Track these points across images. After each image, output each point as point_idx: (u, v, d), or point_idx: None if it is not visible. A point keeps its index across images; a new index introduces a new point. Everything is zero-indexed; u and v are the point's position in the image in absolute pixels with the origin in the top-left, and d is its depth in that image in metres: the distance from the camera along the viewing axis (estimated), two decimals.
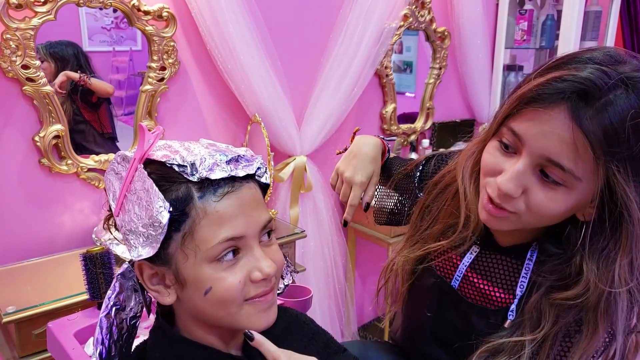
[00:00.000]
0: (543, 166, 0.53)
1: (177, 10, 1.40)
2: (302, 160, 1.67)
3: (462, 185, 0.66)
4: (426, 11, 1.95)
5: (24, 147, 1.26)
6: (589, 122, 0.48)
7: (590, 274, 0.54)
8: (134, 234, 0.49)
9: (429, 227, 0.74)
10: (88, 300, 1.01)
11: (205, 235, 0.48)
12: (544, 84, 0.51)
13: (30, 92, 1.23)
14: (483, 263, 0.68)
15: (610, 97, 0.48)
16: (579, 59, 0.51)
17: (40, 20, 1.20)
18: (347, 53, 1.67)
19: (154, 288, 0.52)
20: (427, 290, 0.73)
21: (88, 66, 1.38)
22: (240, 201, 0.50)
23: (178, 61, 1.42)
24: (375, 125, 2.00)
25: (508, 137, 0.56)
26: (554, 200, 0.53)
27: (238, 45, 1.43)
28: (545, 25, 2.19)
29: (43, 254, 1.30)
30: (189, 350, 0.53)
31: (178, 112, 1.49)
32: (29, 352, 1.06)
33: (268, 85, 1.52)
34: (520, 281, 0.62)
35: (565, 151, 0.50)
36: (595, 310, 0.55)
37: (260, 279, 0.50)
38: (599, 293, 0.53)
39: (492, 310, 0.65)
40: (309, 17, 1.67)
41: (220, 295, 0.49)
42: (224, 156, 0.50)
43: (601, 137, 0.48)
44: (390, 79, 1.94)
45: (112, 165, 0.53)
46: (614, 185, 0.50)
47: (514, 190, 0.54)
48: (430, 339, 0.75)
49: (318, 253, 1.74)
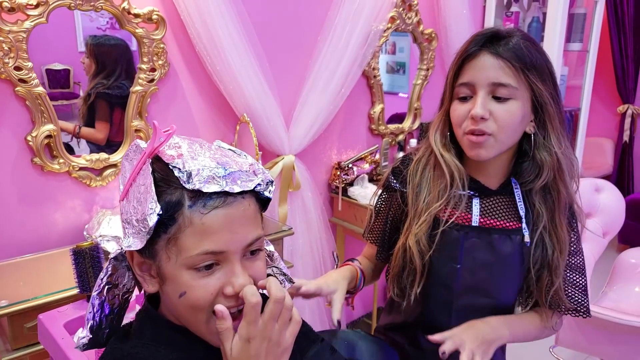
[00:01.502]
0: (493, 92, 0.76)
1: (166, 13, 1.43)
2: (291, 159, 1.70)
3: (438, 150, 0.82)
4: (413, 13, 1.99)
5: (16, 147, 1.30)
6: (504, 50, 0.75)
7: (544, 157, 0.79)
8: (129, 224, 0.52)
9: (425, 199, 0.84)
10: (78, 294, 1.05)
11: (187, 244, 0.50)
12: (469, 45, 0.77)
13: (22, 93, 1.26)
14: (487, 207, 0.84)
15: (510, 37, 0.76)
16: (483, 30, 0.79)
17: (32, 23, 1.24)
18: (335, 54, 1.71)
19: (140, 274, 0.55)
20: (451, 245, 0.83)
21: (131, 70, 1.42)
22: (229, 217, 0.51)
23: (168, 63, 1.46)
24: (363, 125, 2.04)
25: (463, 90, 0.78)
26: (510, 112, 0.75)
27: (226, 47, 1.46)
28: (530, 27, 2.23)
29: (35, 251, 1.34)
30: (170, 333, 0.56)
31: (168, 113, 1.52)
32: (21, 345, 1.09)
33: (256, 86, 1.56)
34: (520, 206, 0.83)
35: (500, 73, 0.75)
36: (555, 178, 0.80)
37: (232, 294, 0.52)
38: (552, 165, 0.79)
39: (512, 229, 0.83)
40: (296, 20, 1.71)
41: (192, 302, 0.51)
42: (222, 170, 0.51)
43: (514, 56, 0.74)
44: (378, 80, 1.98)
45: (128, 151, 0.57)
46: (534, 86, 0.75)
47: (484, 112, 0.75)
48: (460, 299, 0.84)
49: (307, 250, 1.78)
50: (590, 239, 1.70)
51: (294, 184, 1.73)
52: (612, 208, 1.70)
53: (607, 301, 1.67)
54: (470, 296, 0.85)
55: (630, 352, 1.36)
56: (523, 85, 0.75)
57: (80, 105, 1.42)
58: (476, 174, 0.84)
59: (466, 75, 0.77)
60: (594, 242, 1.70)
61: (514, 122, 0.76)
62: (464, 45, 0.78)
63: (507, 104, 0.75)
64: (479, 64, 0.76)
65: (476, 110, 0.74)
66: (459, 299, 0.85)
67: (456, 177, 0.81)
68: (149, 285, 0.55)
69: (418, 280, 0.84)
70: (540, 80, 0.76)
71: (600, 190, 1.72)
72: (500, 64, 0.74)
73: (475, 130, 0.75)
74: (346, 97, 1.80)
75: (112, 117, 1.45)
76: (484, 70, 0.75)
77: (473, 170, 0.84)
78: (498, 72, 0.74)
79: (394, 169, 0.91)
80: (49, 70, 1.35)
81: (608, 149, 3.38)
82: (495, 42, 0.76)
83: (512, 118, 0.75)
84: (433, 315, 0.88)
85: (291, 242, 1.73)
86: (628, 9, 2.95)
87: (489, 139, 0.76)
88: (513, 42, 0.75)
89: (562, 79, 2.25)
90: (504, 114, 0.75)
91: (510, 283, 0.85)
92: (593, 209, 1.69)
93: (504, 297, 0.86)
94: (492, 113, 0.75)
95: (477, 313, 0.84)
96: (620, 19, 2.95)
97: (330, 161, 1.95)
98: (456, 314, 0.85)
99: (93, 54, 1.39)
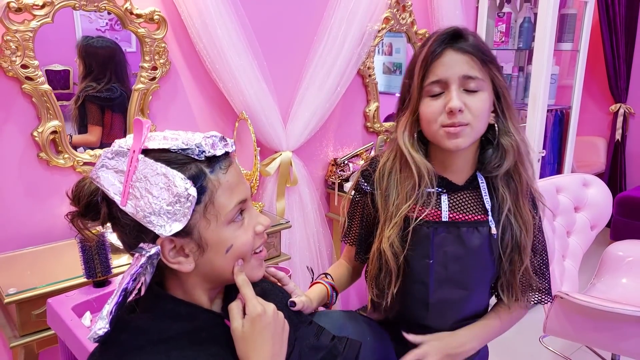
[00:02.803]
0: (464, 85, 0.80)
1: (167, 13, 1.48)
2: (288, 155, 1.75)
3: (408, 151, 0.85)
4: (407, 14, 2.04)
5: (23, 142, 1.34)
6: (467, 46, 0.80)
7: (507, 143, 0.84)
8: (156, 214, 0.54)
9: (395, 202, 0.86)
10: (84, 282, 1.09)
11: (223, 202, 0.58)
12: (432, 46, 0.80)
13: (29, 90, 1.31)
14: (455, 202, 0.87)
15: (468, 34, 0.81)
16: (442, 30, 0.83)
17: (38, 22, 1.29)
18: (331, 54, 1.76)
19: (174, 260, 0.58)
20: (423, 241, 0.86)
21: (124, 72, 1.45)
22: (237, 170, 0.61)
23: (169, 61, 1.51)
24: (359, 123, 2.09)
25: (434, 88, 0.81)
26: (482, 101, 0.80)
27: (225, 46, 1.51)
28: (522, 27, 2.29)
29: (41, 243, 1.38)
30: (173, 306, 0.60)
31: (169, 110, 1.57)
32: (29, 331, 1.14)
33: (254, 84, 1.61)
34: (485, 199, 0.87)
35: (467, 67, 0.79)
36: (517, 162, 0.85)
37: (262, 230, 0.63)
38: (514, 151, 0.84)
39: (479, 222, 0.86)
40: (293, 20, 1.76)
41: (240, 249, 0.60)
42: (214, 137, 0.59)
43: (477, 51, 0.80)
44: (373, 79, 2.03)
45: (102, 162, 0.58)
46: (494, 78, 0.81)
47: (460, 104, 0.79)
48: (435, 293, 0.86)
49: (304, 244, 1.83)
50: (579, 232, 1.75)
51: (291, 179, 1.78)
52: (600, 202, 1.75)
53: (595, 292, 1.72)
54: (445, 290, 0.87)
55: (614, 338, 1.41)
56: (487, 77, 0.81)
57: (72, 108, 1.44)
58: (443, 172, 0.87)
59: (435, 73, 0.80)
60: (582, 235, 1.75)
61: (486, 111, 0.82)
62: (426, 47, 0.81)
63: (478, 95, 0.80)
64: (446, 61, 0.79)
65: (454, 103, 0.78)
66: (434, 294, 0.87)
67: (425, 177, 0.84)
68: (186, 265, 0.58)
69: (394, 281, 0.86)
70: (498, 72, 0.82)
71: (588, 185, 1.77)
72: (467, 59, 0.79)
73: (455, 122, 0.79)
74: (342, 95, 1.85)
75: (104, 120, 1.48)
76: (453, 66, 0.79)
77: (440, 168, 0.87)
78: (466, 66, 0.79)
79: (363, 172, 0.93)
80: (49, 71, 1.38)
81: (601, 148, 3.43)
82: (457, 39, 0.80)
83: (484, 107, 0.81)
84: (411, 311, 0.90)
85: (289, 235, 1.78)
86: (620, 9, 3.01)
87: (465, 128, 0.80)
88: (472, 39, 0.80)
89: (552, 78, 2.30)
90: (477, 104, 0.80)
91: (483, 273, 0.88)
92: (581, 202, 1.75)
93: (477, 288, 0.89)
94: (466, 105, 0.79)
95: (454, 306, 0.88)
96: (612, 19, 3.01)
97: (327, 158, 2.01)
98: (433, 308, 0.88)
99: (82, 55, 1.42)
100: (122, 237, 0.60)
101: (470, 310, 0.91)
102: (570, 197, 1.72)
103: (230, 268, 0.61)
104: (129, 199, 0.56)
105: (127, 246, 0.61)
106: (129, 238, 0.59)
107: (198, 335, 0.59)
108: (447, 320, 0.90)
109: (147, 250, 0.56)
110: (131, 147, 0.56)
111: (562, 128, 2.45)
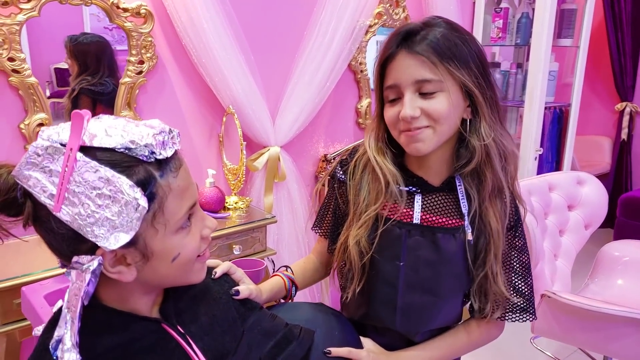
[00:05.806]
0: (419, 89, 0.75)
1: (154, 7, 1.49)
2: (276, 150, 1.75)
3: (372, 155, 0.83)
4: (401, 9, 2.02)
5: (10, 134, 1.37)
6: (419, 47, 0.74)
7: (474, 143, 0.79)
8: (98, 225, 0.48)
9: (365, 199, 0.84)
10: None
11: (173, 209, 0.52)
12: (386, 47, 0.77)
13: (15, 83, 1.33)
14: (430, 203, 0.83)
15: (428, 30, 0.76)
16: (397, 29, 0.79)
17: (25, 16, 1.31)
18: (320, 49, 1.75)
19: (114, 270, 0.52)
20: (393, 242, 0.82)
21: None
22: (187, 171, 0.56)
23: (156, 55, 1.52)
24: (350, 119, 2.08)
25: (390, 93, 0.78)
26: (441, 103, 0.75)
27: (212, 40, 1.52)
28: (520, 23, 2.25)
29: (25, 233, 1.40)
30: (105, 317, 0.56)
31: (156, 104, 1.58)
32: (11, 320, 1.16)
33: (241, 79, 1.61)
34: (462, 203, 0.82)
35: (420, 70, 0.74)
36: (484, 163, 0.80)
37: (209, 234, 0.59)
38: (480, 152, 0.78)
39: (455, 227, 0.82)
40: (282, 14, 1.76)
41: (187, 257, 0.56)
42: (164, 133, 0.52)
43: (430, 50, 0.74)
44: (365, 75, 2.02)
45: (29, 159, 0.49)
46: (456, 76, 0.74)
47: (413, 111, 0.75)
48: (404, 297, 0.82)
49: (292, 239, 1.82)
50: (572, 231, 1.71)
51: (279, 174, 1.78)
52: (594, 201, 1.71)
53: (588, 293, 1.69)
54: (414, 294, 0.83)
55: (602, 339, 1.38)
56: (448, 76, 0.74)
57: (65, 102, 1.46)
58: (418, 170, 0.84)
59: (390, 77, 0.77)
60: (576, 234, 1.71)
61: (447, 113, 0.76)
62: (382, 48, 0.78)
63: (435, 97, 0.75)
64: (398, 64, 0.76)
65: (405, 112, 0.74)
66: (403, 297, 0.83)
67: (391, 183, 0.81)
68: (127, 275, 0.53)
69: (357, 279, 0.83)
70: (465, 69, 0.75)
71: (582, 183, 1.73)
72: (419, 61, 0.74)
73: (411, 127, 0.76)
74: (332, 90, 1.84)
75: (95, 113, 1.50)
76: (405, 70, 0.75)
77: (415, 167, 0.84)
78: (418, 69, 0.74)
79: (342, 161, 0.91)
80: (57, 69, 1.41)
81: (606, 147, 3.36)
82: (410, 39, 0.75)
83: (443, 109, 0.75)
84: (378, 313, 0.86)
85: (277, 230, 1.78)
86: (625, 5, 2.94)
87: (424, 130, 0.76)
88: (429, 36, 0.74)
89: (551, 74, 2.26)
90: (435, 106, 0.75)
91: (455, 281, 0.84)
92: (575, 201, 1.71)
93: (449, 296, 0.85)
94: (422, 110, 0.75)
95: (424, 312, 0.84)
96: (618, 15, 2.94)
97: (317, 153, 2.00)
98: (401, 312, 0.84)
99: (73, 55, 1.43)
100: (50, 242, 0.53)
101: (440, 320, 0.87)
102: (564, 195, 1.69)
103: (175, 276, 0.57)
104: (64, 204, 0.48)
105: (57, 253, 0.54)
106: (59, 245, 0.52)
107: (131, 346, 0.56)
108: (416, 326, 0.86)
109: (87, 264, 0.50)
110: (67, 144, 0.49)
111: (562, 126, 2.41)
